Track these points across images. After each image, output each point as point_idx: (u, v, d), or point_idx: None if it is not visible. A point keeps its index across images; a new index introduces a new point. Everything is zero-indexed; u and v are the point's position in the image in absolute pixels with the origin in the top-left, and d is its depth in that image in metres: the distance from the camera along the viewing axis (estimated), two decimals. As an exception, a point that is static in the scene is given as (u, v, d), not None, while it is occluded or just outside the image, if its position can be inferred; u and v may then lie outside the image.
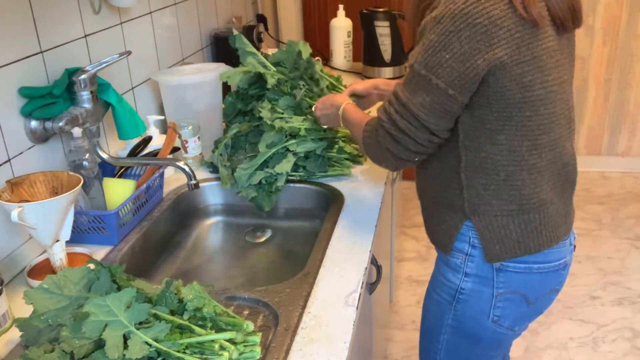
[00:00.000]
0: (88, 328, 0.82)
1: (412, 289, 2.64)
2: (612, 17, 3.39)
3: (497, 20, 0.93)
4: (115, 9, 1.51)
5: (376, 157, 1.14)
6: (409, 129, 1.03)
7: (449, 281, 1.17)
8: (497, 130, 1.02)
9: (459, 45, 0.94)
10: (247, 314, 1.02)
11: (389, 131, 1.06)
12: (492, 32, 0.94)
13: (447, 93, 0.98)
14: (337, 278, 1.10)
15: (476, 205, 1.08)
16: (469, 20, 0.93)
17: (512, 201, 1.06)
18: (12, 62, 1.15)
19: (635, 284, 2.66)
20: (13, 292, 1.10)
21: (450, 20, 0.94)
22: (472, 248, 1.11)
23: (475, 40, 0.94)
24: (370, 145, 1.13)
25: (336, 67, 2.50)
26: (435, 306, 1.22)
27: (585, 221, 3.16)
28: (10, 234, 1.15)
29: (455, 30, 0.94)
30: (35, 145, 1.22)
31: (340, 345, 0.92)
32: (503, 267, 1.10)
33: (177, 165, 1.27)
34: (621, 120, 3.61)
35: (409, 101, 1.02)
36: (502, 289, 1.12)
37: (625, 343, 2.31)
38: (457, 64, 0.95)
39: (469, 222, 1.10)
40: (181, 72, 1.71)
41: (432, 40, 0.96)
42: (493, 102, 1.00)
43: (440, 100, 0.99)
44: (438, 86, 0.98)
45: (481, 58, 0.95)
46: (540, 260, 1.11)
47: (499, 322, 1.15)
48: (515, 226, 1.08)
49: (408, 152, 1.07)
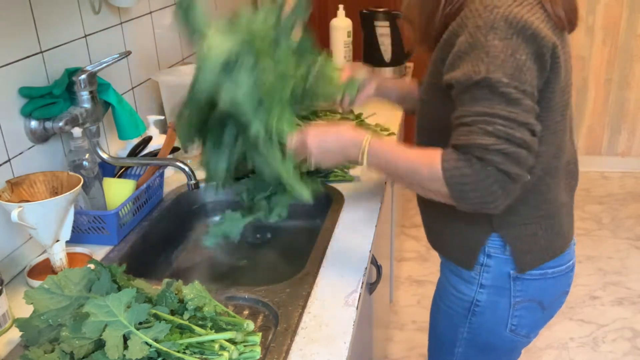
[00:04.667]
0: (88, 328, 0.82)
1: (412, 289, 2.64)
2: (612, 17, 3.39)
3: (540, 24, 0.90)
4: (115, 9, 1.51)
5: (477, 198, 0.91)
6: (528, 138, 0.89)
7: (462, 294, 1.13)
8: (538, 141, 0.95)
9: (525, 45, 0.89)
10: (247, 314, 1.02)
11: (506, 152, 0.88)
12: (541, 37, 0.90)
13: (534, 95, 0.90)
14: (337, 278, 1.09)
15: (504, 216, 1.02)
16: (521, 22, 0.89)
17: (538, 207, 1.04)
18: (12, 62, 1.15)
19: (635, 284, 2.66)
20: (13, 292, 1.10)
21: (506, 23, 0.89)
22: (487, 258, 1.07)
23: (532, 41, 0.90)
24: (466, 185, 0.90)
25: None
26: (447, 319, 1.18)
27: (585, 221, 3.16)
28: (10, 234, 1.15)
29: (517, 31, 0.89)
30: (35, 145, 1.22)
31: (340, 345, 0.92)
32: (520, 276, 1.07)
33: (177, 165, 1.27)
34: (621, 120, 3.61)
35: (511, 113, 0.88)
36: (519, 297, 1.09)
37: (625, 343, 2.31)
38: (532, 64, 0.90)
39: (495, 235, 1.05)
40: (181, 72, 1.71)
41: (498, 46, 0.88)
42: (541, 112, 0.93)
43: (532, 102, 0.90)
44: (526, 92, 0.89)
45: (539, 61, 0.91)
46: (555, 264, 1.09)
47: (516, 331, 1.12)
48: (543, 232, 1.05)
49: (527, 171, 0.91)
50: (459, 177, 0.90)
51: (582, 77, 3.55)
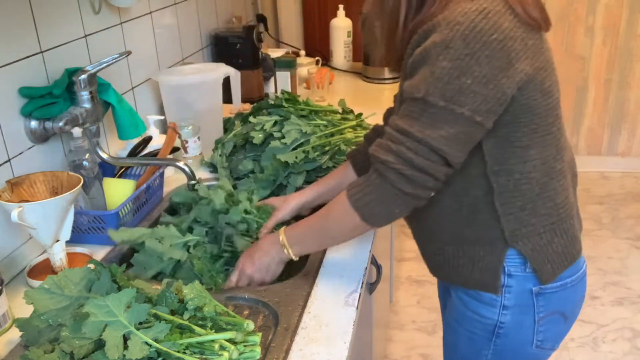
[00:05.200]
0: (88, 328, 0.82)
1: (412, 289, 2.64)
2: (612, 17, 3.39)
3: (510, 32, 0.87)
4: (115, 9, 1.51)
5: (383, 211, 0.97)
6: (428, 166, 0.91)
7: (483, 317, 1.07)
8: (526, 146, 0.96)
9: (478, 68, 0.86)
10: (247, 314, 1.02)
11: (402, 172, 0.92)
12: (508, 46, 0.87)
13: (475, 121, 0.89)
14: (337, 278, 1.09)
15: (517, 230, 1.00)
16: (483, 39, 0.86)
17: (550, 214, 1.01)
18: (12, 62, 1.15)
19: (635, 284, 2.66)
20: (13, 292, 1.10)
21: (463, 42, 0.86)
22: (508, 278, 1.03)
23: (496, 59, 0.87)
24: (371, 202, 0.97)
25: (336, 67, 2.50)
26: (468, 343, 1.13)
27: (585, 221, 3.13)
28: (10, 234, 1.15)
29: (471, 53, 0.86)
30: (35, 145, 1.22)
31: (340, 345, 0.92)
32: (542, 290, 1.04)
33: (177, 165, 1.27)
34: (621, 120, 3.61)
35: (426, 136, 0.89)
36: (543, 312, 1.06)
37: (625, 343, 2.32)
38: (480, 88, 0.87)
39: (512, 250, 1.01)
40: (181, 72, 1.71)
41: (445, 68, 0.87)
42: (521, 117, 0.93)
43: (466, 129, 0.90)
44: (463, 115, 0.88)
45: (504, 76, 0.88)
46: (571, 272, 1.07)
47: (542, 346, 1.09)
48: (559, 238, 1.02)
49: (425, 190, 0.94)
50: (362, 196, 0.97)
51: (582, 77, 3.55)
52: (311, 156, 1.42)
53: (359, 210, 0.98)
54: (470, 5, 0.88)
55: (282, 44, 2.72)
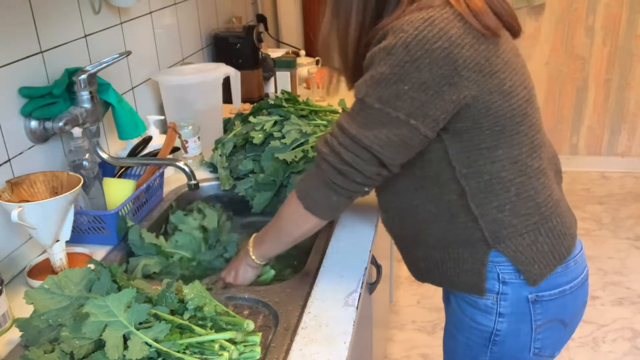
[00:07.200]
0: (88, 328, 0.82)
1: (412, 289, 2.64)
2: (612, 17, 3.39)
3: (457, 39, 0.87)
4: (115, 9, 1.51)
5: (321, 198, 1.01)
6: (355, 162, 0.95)
7: (480, 324, 1.07)
8: (493, 147, 0.96)
9: (418, 75, 0.87)
10: (247, 314, 1.02)
11: (332, 164, 0.97)
12: (454, 53, 0.87)
13: (409, 123, 0.91)
14: (337, 278, 1.09)
15: (497, 231, 1.00)
16: (426, 47, 0.86)
17: (531, 214, 1.00)
18: (12, 62, 1.15)
19: (635, 284, 2.66)
20: (13, 292, 1.10)
21: (404, 49, 0.87)
22: (503, 285, 1.03)
23: (439, 66, 0.87)
24: (310, 190, 1.02)
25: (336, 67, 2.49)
26: (466, 349, 1.13)
27: (585, 221, 3.16)
28: (10, 234, 1.15)
29: (412, 60, 0.87)
30: (35, 145, 1.22)
31: (340, 345, 0.92)
32: (538, 298, 1.04)
33: (177, 165, 1.27)
34: (621, 120, 3.61)
35: (359, 134, 0.93)
36: (540, 320, 1.05)
37: (625, 343, 2.31)
38: (419, 94, 0.88)
39: (495, 252, 1.01)
40: (181, 72, 1.71)
41: (384, 73, 0.89)
42: (482, 121, 0.94)
43: (400, 132, 0.92)
44: (398, 118, 0.90)
45: (448, 83, 0.88)
46: (571, 278, 1.06)
47: (540, 354, 1.09)
48: (544, 237, 1.02)
49: (355, 184, 0.98)
50: (303, 185, 1.03)
51: (582, 77, 3.55)
52: (311, 155, 1.42)
53: (302, 199, 1.03)
54: (418, 14, 0.89)
55: (282, 44, 2.72)
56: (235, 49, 2.03)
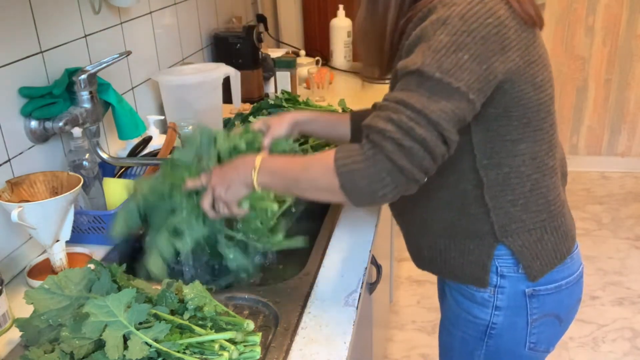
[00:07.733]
0: (88, 328, 0.82)
1: (412, 289, 2.64)
2: (612, 17, 3.39)
3: (505, 20, 0.88)
4: (115, 9, 1.51)
5: (367, 187, 0.87)
6: (429, 138, 0.84)
7: (476, 318, 1.08)
8: (517, 140, 0.96)
9: (474, 46, 0.86)
10: (247, 314, 1.02)
11: (401, 143, 0.84)
12: (502, 32, 0.88)
13: (468, 98, 0.86)
14: (337, 278, 1.09)
15: (507, 225, 1.00)
16: (480, 20, 0.86)
17: (541, 210, 1.01)
18: (12, 62, 1.15)
19: (635, 284, 2.66)
20: (13, 292, 1.10)
21: (460, 19, 0.86)
22: (501, 278, 1.03)
23: (491, 42, 0.87)
24: (356, 172, 0.87)
25: (336, 67, 2.50)
26: (462, 344, 1.13)
27: (585, 221, 3.16)
28: (10, 234, 1.15)
29: (469, 31, 0.86)
30: (35, 145, 1.22)
31: (340, 345, 0.92)
32: (535, 292, 1.04)
33: (177, 165, 1.27)
34: (621, 120, 3.61)
35: (425, 108, 0.84)
36: (536, 314, 1.06)
37: (625, 343, 2.32)
38: (475, 66, 0.86)
39: (501, 246, 1.01)
40: (181, 72, 1.71)
41: (442, 41, 0.86)
42: (512, 110, 0.93)
43: (461, 105, 0.86)
44: (459, 90, 0.85)
45: (497, 60, 0.88)
46: (567, 274, 1.07)
47: (535, 348, 1.10)
48: (549, 235, 1.02)
49: (420, 171, 0.86)
50: (350, 164, 0.88)
51: (582, 77, 3.55)
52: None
53: (342, 176, 0.88)
54: None
55: (282, 44, 2.72)
56: (235, 49, 2.03)
